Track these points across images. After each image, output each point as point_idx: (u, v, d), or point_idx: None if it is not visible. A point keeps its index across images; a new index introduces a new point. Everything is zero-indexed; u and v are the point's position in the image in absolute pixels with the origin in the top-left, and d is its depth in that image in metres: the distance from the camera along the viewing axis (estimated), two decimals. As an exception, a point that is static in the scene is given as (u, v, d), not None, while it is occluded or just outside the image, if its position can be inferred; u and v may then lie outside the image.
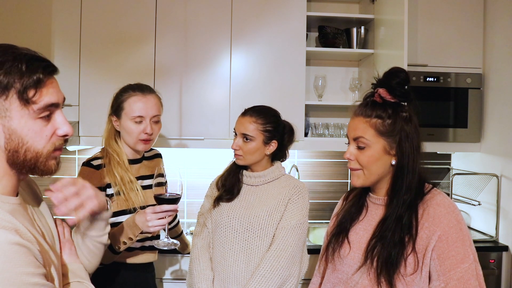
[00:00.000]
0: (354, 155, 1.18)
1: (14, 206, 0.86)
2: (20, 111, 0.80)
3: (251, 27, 2.35)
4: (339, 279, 1.24)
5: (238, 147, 1.58)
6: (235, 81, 2.35)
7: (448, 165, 2.83)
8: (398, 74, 1.14)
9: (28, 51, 0.83)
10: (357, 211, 1.27)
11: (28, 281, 0.76)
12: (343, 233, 1.25)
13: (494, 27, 2.43)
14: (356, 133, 1.18)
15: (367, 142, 1.16)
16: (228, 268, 1.54)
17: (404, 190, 1.14)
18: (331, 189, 2.79)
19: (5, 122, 0.80)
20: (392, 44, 2.21)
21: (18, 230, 0.80)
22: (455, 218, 1.10)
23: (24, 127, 0.81)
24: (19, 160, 0.83)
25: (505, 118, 2.33)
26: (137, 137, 1.59)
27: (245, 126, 1.57)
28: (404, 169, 1.14)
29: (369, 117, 1.16)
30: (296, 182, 1.63)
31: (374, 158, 1.16)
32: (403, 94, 1.15)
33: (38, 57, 0.84)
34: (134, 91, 1.61)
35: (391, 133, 1.14)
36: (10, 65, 0.79)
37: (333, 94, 2.71)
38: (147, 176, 1.70)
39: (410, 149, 1.14)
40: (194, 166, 2.70)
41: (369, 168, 1.17)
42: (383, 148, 1.15)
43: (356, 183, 1.21)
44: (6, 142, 0.81)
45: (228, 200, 1.62)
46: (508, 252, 2.28)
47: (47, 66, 0.84)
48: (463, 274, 1.06)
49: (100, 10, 2.28)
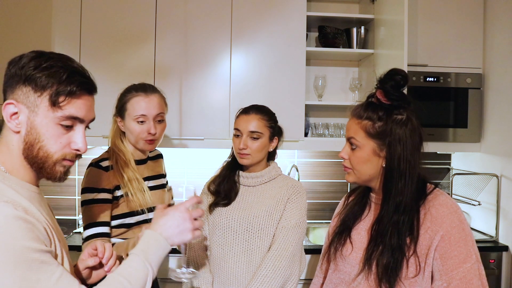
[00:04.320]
0: (348, 154, 1.20)
1: (33, 194, 0.91)
2: (46, 112, 0.88)
3: (251, 27, 2.34)
4: (341, 279, 1.24)
5: (247, 146, 1.56)
6: (235, 81, 2.35)
7: (448, 165, 2.83)
8: (393, 77, 1.13)
9: (78, 66, 0.92)
10: (360, 209, 1.27)
11: (28, 256, 0.78)
12: (345, 232, 1.25)
13: (494, 27, 2.43)
14: (349, 133, 1.20)
15: (358, 143, 1.17)
16: (228, 269, 1.54)
17: (394, 193, 1.13)
18: (331, 189, 2.79)
19: (31, 115, 0.88)
20: (392, 44, 2.21)
21: (27, 209, 0.84)
22: (458, 218, 1.10)
23: (44, 127, 0.88)
24: (32, 154, 0.89)
25: (505, 118, 2.33)
26: (141, 138, 1.59)
27: (253, 124, 1.56)
28: (393, 172, 1.13)
29: (360, 119, 1.17)
30: (293, 182, 1.63)
31: (364, 159, 1.17)
32: (398, 98, 1.13)
33: (82, 73, 0.92)
34: (137, 91, 1.60)
35: (380, 136, 1.14)
36: (55, 70, 0.87)
37: (333, 94, 2.72)
38: (150, 177, 1.70)
39: (402, 153, 1.12)
40: (194, 166, 2.70)
41: (359, 169, 1.19)
42: (373, 150, 1.15)
43: (348, 179, 1.23)
44: (26, 134, 0.88)
45: (225, 205, 1.60)
46: (508, 252, 2.28)
47: (84, 83, 0.91)
48: (466, 274, 1.05)
49: (100, 10, 2.28)
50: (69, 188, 2.66)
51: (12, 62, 0.89)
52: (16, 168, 0.90)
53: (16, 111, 0.88)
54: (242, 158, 1.58)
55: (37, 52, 0.89)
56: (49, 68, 0.87)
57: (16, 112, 0.88)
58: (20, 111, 0.88)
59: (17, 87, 0.87)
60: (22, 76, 0.87)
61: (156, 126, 1.60)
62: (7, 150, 0.90)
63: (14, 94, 0.88)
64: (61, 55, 0.91)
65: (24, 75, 0.87)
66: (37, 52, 0.90)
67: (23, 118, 0.88)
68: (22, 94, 0.87)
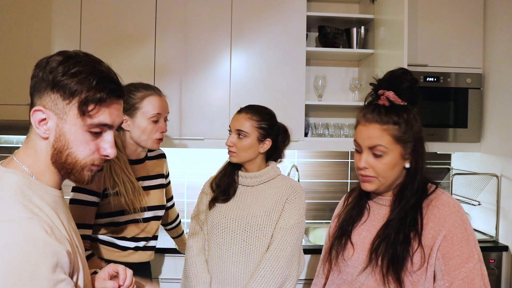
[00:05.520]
0: (370, 164, 1.14)
1: (56, 199, 0.91)
2: (75, 119, 0.86)
3: (251, 27, 2.34)
4: (343, 280, 1.24)
5: (232, 144, 1.57)
6: (235, 81, 2.35)
7: (448, 165, 2.83)
8: (406, 77, 1.13)
9: (106, 70, 0.91)
10: (358, 213, 1.26)
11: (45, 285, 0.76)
12: (345, 236, 1.25)
13: (494, 27, 2.43)
14: (372, 141, 1.13)
15: (385, 149, 1.12)
16: (226, 269, 1.53)
17: (411, 192, 1.14)
18: (331, 189, 2.79)
19: (59, 122, 0.86)
20: (392, 44, 2.21)
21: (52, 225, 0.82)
22: (460, 218, 1.10)
23: (73, 134, 0.87)
24: (60, 161, 0.88)
25: (505, 118, 2.33)
26: (154, 137, 1.59)
27: (240, 122, 1.57)
28: (417, 171, 1.14)
29: (386, 124, 1.12)
30: (292, 182, 1.63)
31: (392, 165, 1.13)
32: (413, 97, 1.14)
33: (112, 79, 0.90)
34: (147, 90, 1.59)
35: (407, 139, 1.13)
36: (85, 76, 0.85)
37: (333, 94, 2.71)
38: (147, 177, 1.69)
39: (423, 151, 1.15)
40: (194, 166, 2.70)
41: (386, 176, 1.14)
42: (400, 154, 1.13)
43: (369, 189, 1.18)
44: (55, 140, 0.87)
45: (224, 201, 1.61)
46: (508, 252, 2.28)
47: (115, 90, 0.90)
48: (468, 274, 1.05)
49: (100, 10, 2.28)
50: (69, 188, 2.65)
51: (39, 66, 0.87)
52: (43, 172, 0.89)
53: (45, 117, 0.86)
54: (229, 156, 1.61)
55: (64, 55, 0.87)
56: (78, 74, 0.85)
57: (44, 118, 0.86)
58: (48, 117, 0.86)
59: (45, 93, 0.86)
60: (50, 82, 0.85)
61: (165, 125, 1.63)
62: (35, 154, 0.89)
63: (42, 100, 0.86)
64: (89, 58, 0.90)
65: (52, 81, 0.85)
66: (65, 55, 0.87)
67: (52, 124, 0.87)
68: (50, 100, 0.85)
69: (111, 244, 1.61)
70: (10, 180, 0.85)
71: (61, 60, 0.86)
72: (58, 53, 0.88)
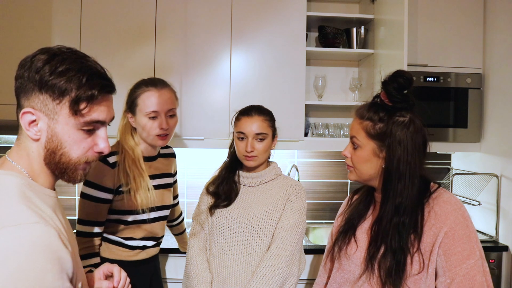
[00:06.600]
0: (350, 153, 1.23)
1: (53, 199, 0.89)
2: (67, 119, 0.84)
3: (251, 27, 2.34)
4: (345, 278, 1.24)
5: (254, 148, 1.55)
6: (235, 81, 2.35)
7: (448, 165, 2.83)
8: (397, 79, 1.13)
9: (94, 65, 0.87)
10: (365, 208, 1.28)
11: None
12: (350, 231, 1.26)
13: (494, 27, 2.43)
14: (351, 132, 1.22)
15: (359, 142, 1.19)
16: (227, 269, 1.54)
17: (393, 194, 1.13)
18: (331, 189, 2.79)
19: (51, 123, 0.84)
20: (392, 44, 2.21)
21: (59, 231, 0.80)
22: (462, 215, 1.10)
23: (66, 134, 0.85)
24: (54, 161, 0.87)
25: (505, 118, 2.33)
26: (154, 133, 1.57)
27: (258, 125, 1.56)
28: (392, 173, 1.13)
29: (362, 119, 1.18)
30: (293, 182, 1.63)
31: (364, 159, 1.18)
32: (400, 100, 1.14)
33: (101, 74, 0.88)
34: (147, 86, 1.58)
35: (380, 137, 1.14)
36: (73, 74, 0.83)
37: (333, 94, 2.72)
38: (155, 175, 1.68)
39: (402, 155, 1.12)
40: (194, 166, 2.70)
41: (359, 168, 1.20)
42: (372, 151, 1.17)
43: (350, 178, 1.26)
44: (47, 141, 0.85)
45: (225, 206, 1.60)
46: (508, 252, 2.28)
47: (105, 85, 0.87)
48: (469, 270, 1.06)
49: (100, 9, 2.28)
50: (69, 188, 2.66)
51: (24, 66, 0.84)
52: (38, 173, 0.87)
53: (35, 119, 0.83)
54: (249, 161, 1.57)
55: (49, 53, 0.83)
56: (66, 72, 0.82)
57: (34, 119, 0.83)
58: (38, 118, 0.84)
59: (33, 94, 0.83)
60: (37, 83, 0.82)
61: (168, 121, 1.58)
62: (27, 156, 0.87)
63: (31, 101, 0.83)
64: (74, 54, 0.86)
65: (39, 81, 0.82)
66: (49, 52, 0.84)
67: (43, 125, 0.84)
68: (39, 101, 0.83)
69: (119, 244, 1.62)
70: (9, 181, 0.82)
71: (47, 59, 0.83)
72: (41, 51, 0.84)
